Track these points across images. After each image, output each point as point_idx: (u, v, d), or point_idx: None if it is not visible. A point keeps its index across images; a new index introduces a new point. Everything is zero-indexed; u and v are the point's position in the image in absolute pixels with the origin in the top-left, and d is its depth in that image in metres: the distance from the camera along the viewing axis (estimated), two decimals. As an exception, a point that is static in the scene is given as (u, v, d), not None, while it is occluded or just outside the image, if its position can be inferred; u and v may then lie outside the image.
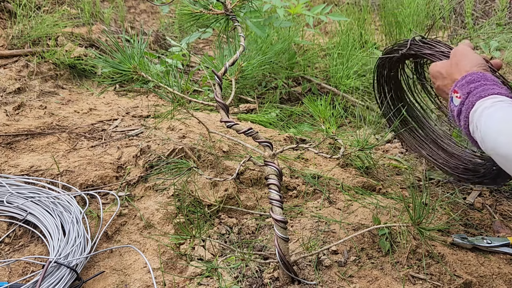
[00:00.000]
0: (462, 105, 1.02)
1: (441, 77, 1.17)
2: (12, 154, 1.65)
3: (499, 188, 1.57)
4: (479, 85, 1.02)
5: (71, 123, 1.88)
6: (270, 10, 2.45)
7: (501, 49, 2.47)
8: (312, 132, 1.98)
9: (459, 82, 1.06)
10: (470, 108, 1.00)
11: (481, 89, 1.01)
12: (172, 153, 1.60)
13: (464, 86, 1.04)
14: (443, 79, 1.16)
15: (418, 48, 1.33)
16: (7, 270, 1.23)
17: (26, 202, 1.38)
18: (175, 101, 1.43)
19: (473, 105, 0.99)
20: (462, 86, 1.04)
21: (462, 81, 1.05)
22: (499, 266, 1.23)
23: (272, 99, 2.26)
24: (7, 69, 2.27)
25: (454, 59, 1.15)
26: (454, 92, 1.06)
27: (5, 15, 2.64)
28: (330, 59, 2.41)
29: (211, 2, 1.39)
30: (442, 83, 1.16)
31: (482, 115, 0.96)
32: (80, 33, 2.66)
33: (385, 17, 2.76)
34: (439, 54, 1.26)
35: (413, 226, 1.08)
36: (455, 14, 3.09)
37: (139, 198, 1.48)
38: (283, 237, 1.10)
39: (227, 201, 1.45)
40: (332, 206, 1.45)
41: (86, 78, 2.42)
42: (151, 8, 3.78)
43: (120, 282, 1.18)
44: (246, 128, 1.17)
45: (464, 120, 1.02)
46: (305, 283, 1.14)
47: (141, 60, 1.30)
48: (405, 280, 1.17)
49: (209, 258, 1.25)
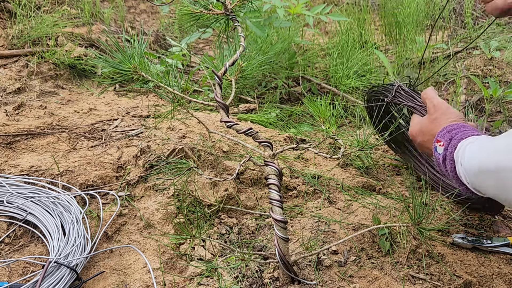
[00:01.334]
0: (446, 150, 1.07)
1: (421, 135, 1.22)
2: (12, 154, 1.65)
3: None
4: (459, 131, 1.08)
5: (71, 123, 1.88)
6: (270, 10, 2.45)
7: (501, 49, 2.47)
8: (312, 132, 1.98)
9: (440, 132, 1.11)
10: (454, 150, 1.05)
11: (461, 134, 1.06)
12: (172, 153, 1.60)
13: (445, 134, 1.09)
14: (423, 135, 1.21)
15: (402, 98, 1.38)
16: (7, 270, 1.23)
17: (26, 202, 1.38)
18: (175, 101, 1.43)
19: (455, 147, 1.05)
20: (444, 135, 1.10)
21: (443, 131, 1.11)
22: (499, 266, 1.23)
23: (272, 99, 2.26)
24: (7, 69, 2.27)
25: (433, 115, 1.20)
26: (437, 142, 1.11)
27: (5, 15, 2.64)
28: (330, 59, 2.41)
29: (211, 2, 1.39)
30: (422, 139, 1.21)
31: (465, 150, 1.01)
32: (80, 33, 2.66)
33: (385, 17, 2.76)
34: (419, 108, 1.31)
35: (413, 226, 1.08)
36: (455, 14, 3.09)
37: (139, 198, 1.48)
38: (283, 237, 1.10)
39: (227, 201, 1.45)
40: (332, 206, 1.45)
41: (86, 78, 2.42)
42: (151, 8, 3.78)
43: (120, 282, 1.18)
44: (246, 128, 1.17)
45: (450, 163, 1.06)
46: (305, 283, 1.14)
47: (141, 60, 1.30)
48: (405, 280, 1.17)
49: (209, 258, 1.25)
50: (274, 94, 2.29)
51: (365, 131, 1.38)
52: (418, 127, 1.23)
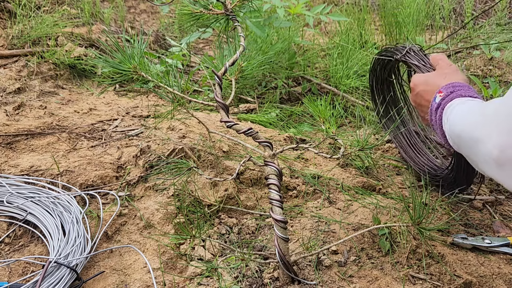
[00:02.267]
0: (443, 100, 1.11)
1: (424, 84, 1.24)
2: (12, 154, 1.65)
3: (498, 188, 1.57)
4: (462, 89, 1.11)
5: (71, 123, 1.88)
6: (270, 10, 2.45)
7: (501, 49, 2.47)
8: (312, 132, 1.98)
9: (445, 85, 1.14)
10: (448, 101, 1.09)
11: (463, 90, 1.10)
12: (172, 153, 1.60)
13: (449, 88, 1.12)
14: (427, 85, 1.23)
15: (409, 57, 1.41)
16: (7, 270, 1.23)
17: (26, 202, 1.38)
18: (175, 101, 1.43)
19: (451, 99, 1.08)
20: (448, 88, 1.13)
21: (448, 85, 1.14)
22: (499, 266, 1.23)
23: (272, 99, 2.26)
24: (7, 69, 2.27)
25: (445, 70, 1.23)
26: (439, 92, 1.14)
27: (5, 15, 2.64)
28: (330, 59, 2.41)
29: (211, 2, 1.39)
30: (425, 88, 1.23)
31: (455, 108, 1.05)
32: (80, 33, 2.66)
33: (385, 17, 2.76)
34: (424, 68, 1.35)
35: (413, 226, 1.08)
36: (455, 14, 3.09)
37: (139, 198, 1.48)
38: (283, 237, 1.10)
39: (227, 201, 1.45)
40: (332, 206, 1.45)
41: (86, 78, 2.42)
42: (151, 8, 3.78)
43: (120, 282, 1.18)
44: (246, 128, 1.17)
45: (440, 112, 1.10)
46: (305, 283, 1.14)
47: (141, 60, 1.30)
48: (405, 280, 1.17)
49: (209, 258, 1.25)
50: (274, 94, 2.29)
51: (365, 131, 1.38)
52: (424, 78, 1.26)
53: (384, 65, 1.68)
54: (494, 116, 0.85)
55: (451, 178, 1.41)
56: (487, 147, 0.83)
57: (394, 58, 1.50)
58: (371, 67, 1.72)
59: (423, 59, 1.37)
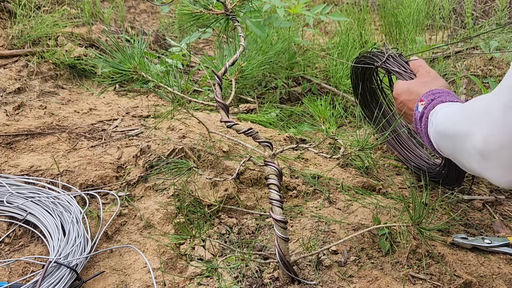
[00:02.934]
0: (425, 109, 1.14)
1: (407, 93, 1.27)
2: (12, 154, 1.65)
3: (498, 188, 1.58)
4: (442, 95, 1.14)
5: (71, 123, 1.88)
6: (270, 10, 2.45)
7: (501, 49, 2.47)
8: (312, 132, 1.98)
9: (425, 93, 1.18)
10: (431, 108, 1.11)
11: (444, 97, 1.13)
12: (172, 153, 1.60)
13: (429, 95, 1.16)
14: (409, 94, 1.26)
15: (390, 64, 1.43)
16: (7, 270, 1.23)
17: (26, 202, 1.38)
18: (175, 101, 1.43)
19: (434, 107, 1.11)
20: (428, 96, 1.16)
21: (429, 93, 1.18)
22: (499, 266, 1.23)
23: (272, 99, 2.26)
24: (7, 69, 2.27)
25: (424, 79, 1.27)
26: (420, 101, 1.17)
27: (5, 15, 2.64)
28: (330, 59, 2.41)
29: (211, 2, 1.39)
30: (407, 98, 1.27)
31: (438, 113, 1.08)
32: (80, 33, 2.66)
33: (385, 17, 2.76)
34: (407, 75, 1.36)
35: (413, 226, 1.08)
36: (455, 14, 3.09)
37: (139, 198, 1.48)
38: (283, 237, 1.10)
39: (227, 201, 1.45)
40: (332, 206, 1.45)
41: (86, 78, 2.42)
42: (151, 8, 3.78)
43: (120, 282, 1.18)
44: (246, 128, 1.17)
45: (425, 121, 1.13)
46: (305, 283, 1.14)
47: (141, 60, 1.30)
48: (405, 280, 1.17)
49: (209, 258, 1.25)
50: (274, 94, 2.29)
51: (365, 131, 1.38)
52: (406, 86, 1.29)
53: (363, 71, 1.67)
54: (476, 111, 0.87)
55: (444, 174, 1.42)
56: (472, 139, 0.85)
57: (374, 66, 1.50)
58: (351, 75, 1.73)
59: (403, 65, 1.39)
